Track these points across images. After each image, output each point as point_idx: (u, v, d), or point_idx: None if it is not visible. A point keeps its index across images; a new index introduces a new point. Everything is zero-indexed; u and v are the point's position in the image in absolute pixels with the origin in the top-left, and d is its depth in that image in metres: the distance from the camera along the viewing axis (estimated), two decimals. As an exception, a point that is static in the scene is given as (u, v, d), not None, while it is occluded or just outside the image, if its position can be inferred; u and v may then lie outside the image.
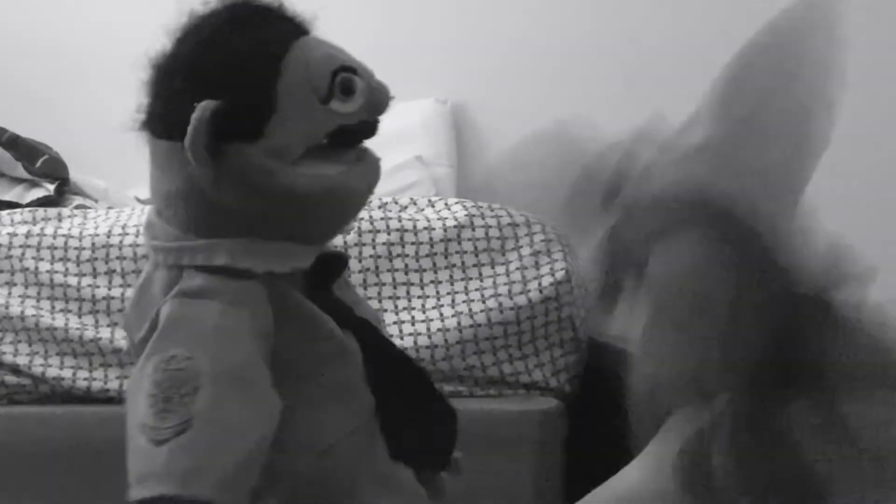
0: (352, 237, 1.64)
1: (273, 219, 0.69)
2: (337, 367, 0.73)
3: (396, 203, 1.76)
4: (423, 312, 1.62)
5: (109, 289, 1.64)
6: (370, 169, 0.73)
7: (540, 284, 1.61)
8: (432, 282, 1.64)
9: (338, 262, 0.76)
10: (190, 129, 0.65)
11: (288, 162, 0.68)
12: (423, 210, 1.72)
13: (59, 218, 1.81)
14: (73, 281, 1.65)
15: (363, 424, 0.74)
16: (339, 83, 0.71)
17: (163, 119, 0.69)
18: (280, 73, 0.68)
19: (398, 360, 0.78)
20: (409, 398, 0.77)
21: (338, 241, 1.64)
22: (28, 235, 1.70)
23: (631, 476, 0.80)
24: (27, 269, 1.67)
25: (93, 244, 1.67)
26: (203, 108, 0.65)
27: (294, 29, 0.71)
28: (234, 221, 0.69)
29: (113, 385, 1.57)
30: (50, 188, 2.31)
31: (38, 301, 1.65)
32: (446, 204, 1.74)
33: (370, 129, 0.72)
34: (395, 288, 1.64)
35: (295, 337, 0.70)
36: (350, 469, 0.73)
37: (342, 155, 0.71)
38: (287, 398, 0.68)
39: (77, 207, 2.13)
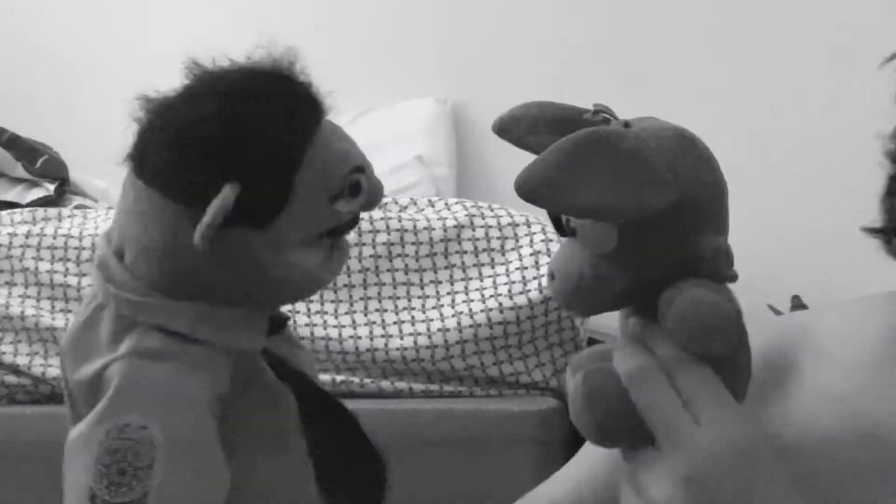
0: (352, 237, 1.64)
1: (241, 293, 0.68)
2: (271, 419, 0.71)
3: (396, 203, 1.76)
4: (423, 312, 1.63)
5: (109, 289, 1.64)
6: (342, 257, 0.71)
7: (540, 284, 1.61)
8: (432, 282, 1.64)
9: (278, 321, 0.74)
10: (211, 211, 0.62)
11: (280, 251, 0.66)
12: (423, 210, 1.72)
13: (59, 218, 1.81)
14: (73, 281, 1.65)
15: (294, 476, 0.72)
16: (350, 184, 0.68)
17: (166, 177, 0.65)
18: (300, 168, 0.66)
19: (333, 410, 0.76)
20: (343, 449, 0.76)
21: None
22: (28, 235, 1.70)
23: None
24: (27, 269, 1.67)
25: (93, 244, 1.67)
26: (227, 195, 0.63)
27: (316, 116, 0.68)
28: (201, 289, 0.67)
29: (113, 385, 1.57)
30: (50, 188, 2.31)
31: (38, 301, 1.65)
32: (446, 204, 1.74)
33: (354, 223, 0.71)
34: (395, 288, 1.64)
35: (233, 389, 0.68)
36: None
37: (322, 242, 0.69)
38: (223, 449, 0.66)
39: (77, 207, 2.13)
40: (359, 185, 0.69)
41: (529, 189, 0.54)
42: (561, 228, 0.60)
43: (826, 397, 0.67)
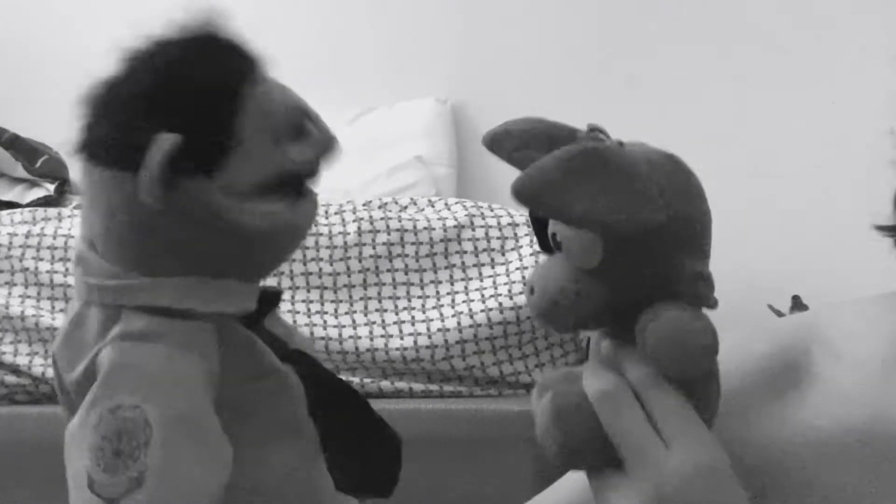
0: (352, 237, 1.65)
1: (216, 255, 0.67)
2: (280, 403, 0.71)
3: (396, 203, 1.76)
4: (423, 312, 1.63)
5: (109, 289, 1.64)
6: (310, 205, 0.71)
7: (540, 284, 1.61)
8: (432, 282, 1.65)
9: (270, 297, 0.73)
10: (148, 161, 0.62)
11: (238, 199, 0.65)
12: (423, 210, 1.72)
13: (59, 218, 1.81)
14: (73, 281, 1.65)
15: (307, 459, 0.72)
16: (294, 127, 0.68)
17: (109, 147, 0.65)
18: (239, 111, 0.65)
19: (340, 390, 0.76)
20: (352, 428, 0.75)
21: (338, 243, 1.64)
22: (28, 235, 1.70)
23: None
24: (27, 269, 1.67)
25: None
26: (163, 141, 0.62)
27: (253, 66, 0.68)
28: (177, 258, 0.66)
29: (113, 385, 1.57)
30: (50, 188, 2.31)
31: (38, 301, 1.65)
32: (446, 204, 1.74)
33: (314, 173, 0.70)
34: (395, 288, 1.64)
35: (237, 374, 0.67)
36: None
37: (284, 192, 0.68)
38: (230, 439, 0.65)
39: (77, 207, 2.13)
40: (304, 128, 0.69)
41: (527, 193, 0.55)
42: (545, 245, 0.61)
43: (840, 396, 0.67)
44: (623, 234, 0.56)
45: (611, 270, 0.57)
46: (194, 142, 0.63)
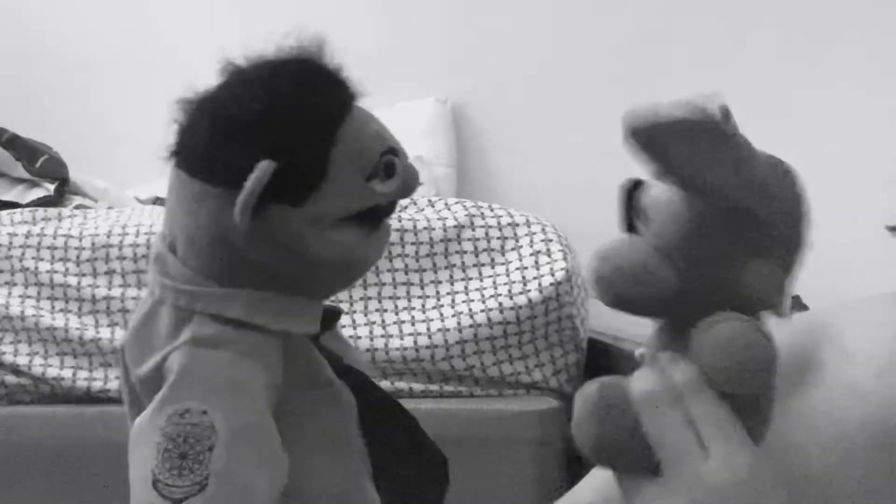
0: (352, 237, 1.65)
1: (289, 276, 0.69)
2: (331, 416, 0.72)
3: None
4: (423, 312, 1.63)
5: (109, 289, 1.64)
6: (384, 237, 0.73)
7: (540, 284, 1.61)
8: (432, 282, 1.65)
9: (331, 314, 0.75)
10: (248, 185, 0.64)
11: (320, 229, 0.68)
12: (423, 210, 1.72)
13: (59, 218, 1.81)
14: (73, 281, 1.65)
15: (355, 475, 0.73)
16: (384, 164, 0.70)
17: (207, 162, 0.67)
18: (335, 144, 0.68)
19: (391, 409, 0.78)
20: (401, 447, 0.77)
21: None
22: (28, 235, 1.70)
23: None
24: (27, 269, 1.67)
25: (93, 244, 1.67)
26: (264, 170, 0.64)
27: (350, 97, 0.71)
28: (252, 273, 0.68)
29: (113, 385, 1.57)
30: (50, 188, 2.31)
31: (38, 301, 1.65)
32: (446, 204, 1.74)
33: (393, 207, 0.73)
34: (395, 288, 1.64)
35: (295, 385, 0.69)
36: None
37: (362, 223, 0.70)
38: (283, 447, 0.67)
39: (77, 207, 2.13)
40: (392, 166, 0.71)
41: (644, 132, 0.54)
42: (628, 222, 0.59)
43: (849, 392, 0.67)
44: (722, 204, 0.54)
45: (689, 255, 0.56)
46: (289, 171, 0.65)
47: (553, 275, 1.62)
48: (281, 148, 0.66)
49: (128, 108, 2.76)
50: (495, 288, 1.62)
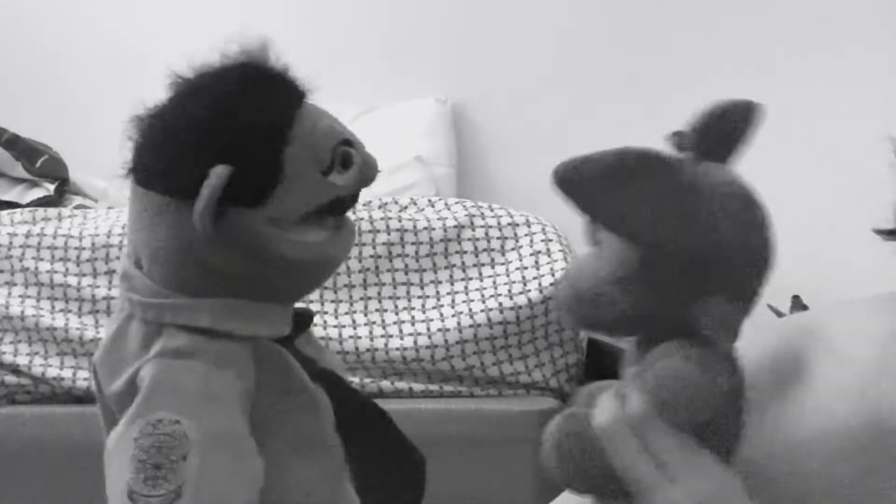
0: (352, 237, 1.65)
1: (256, 280, 0.69)
2: (308, 420, 0.72)
3: (396, 203, 1.76)
4: (423, 312, 1.63)
5: (109, 289, 1.64)
6: (349, 236, 0.74)
7: (540, 284, 1.61)
8: (432, 282, 1.65)
9: (304, 318, 0.75)
10: (204, 193, 0.65)
11: (282, 229, 0.68)
12: (423, 210, 1.72)
13: (59, 218, 1.81)
14: (73, 281, 1.65)
15: (332, 477, 0.73)
16: (340, 156, 0.71)
17: (161, 175, 0.68)
18: (287, 143, 0.68)
19: (367, 410, 0.78)
20: (378, 447, 0.78)
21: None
22: (28, 235, 1.70)
23: None
24: (27, 269, 1.67)
25: (93, 244, 1.67)
26: (218, 175, 0.65)
27: (298, 95, 0.71)
28: (218, 282, 0.69)
29: (113, 385, 1.57)
30: (50, 188, 2.31)
31: (38, 301, 1.65)
32: (446, 204, 1.74)
33: (355, 199, 0.73)
34: (395, 288, 1.64)
35: (269, 391, 0.70)
36: None
37: (324, 221, 0.71)
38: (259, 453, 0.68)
39: (77, 207, 2.13)
40: (349, 157, 0.71)
41: (566, 182, 0.52)
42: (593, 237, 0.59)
43: (837, 393, 0.67)
44: (654, 248, 0.53)
45: (640, 283, 0.55)
46: (244, 174, 0.66)
47: (553, 275, 1.62)
48: (233, 151, 0.66)
49: (126, 113, 2.75)
50: (495, 288, 1.62)
